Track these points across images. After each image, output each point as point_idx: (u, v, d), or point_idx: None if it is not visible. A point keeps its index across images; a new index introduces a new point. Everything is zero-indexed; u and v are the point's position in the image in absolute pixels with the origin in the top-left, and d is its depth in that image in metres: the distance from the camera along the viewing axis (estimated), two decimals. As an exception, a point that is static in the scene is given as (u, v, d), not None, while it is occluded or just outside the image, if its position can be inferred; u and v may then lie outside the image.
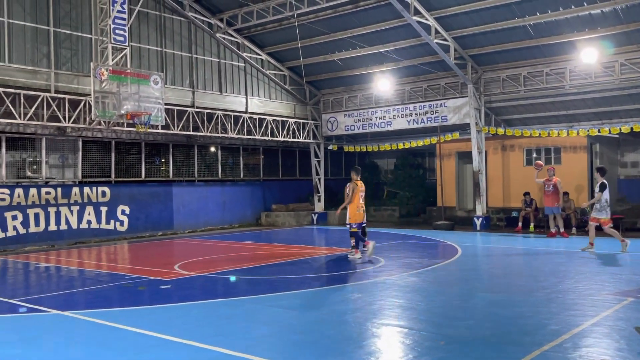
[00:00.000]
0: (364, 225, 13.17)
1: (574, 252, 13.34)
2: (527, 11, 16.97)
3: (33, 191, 16.42)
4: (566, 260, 12.51)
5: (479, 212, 19.80)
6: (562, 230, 16.77)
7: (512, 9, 17.03)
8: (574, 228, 17.34)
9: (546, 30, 17.56)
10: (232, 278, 10.57)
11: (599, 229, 13.61)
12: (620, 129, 18.00)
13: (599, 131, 18.35)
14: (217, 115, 20.34)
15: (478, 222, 19.55)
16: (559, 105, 19.82)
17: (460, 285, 9.72)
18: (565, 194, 17.78)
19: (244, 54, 22.01)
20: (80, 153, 18.02)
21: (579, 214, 18.40)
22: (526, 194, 18.88)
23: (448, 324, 7.12)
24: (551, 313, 7.52)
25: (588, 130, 18.47)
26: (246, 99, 22.30)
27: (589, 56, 16.85)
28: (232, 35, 21.52)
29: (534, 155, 20.60)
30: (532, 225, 18.50)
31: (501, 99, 20.22)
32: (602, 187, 13.33)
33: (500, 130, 19.97)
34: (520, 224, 18.68)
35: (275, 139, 22.37)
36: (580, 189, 19.23)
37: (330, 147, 24.52)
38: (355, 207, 12.81)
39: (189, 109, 19.51)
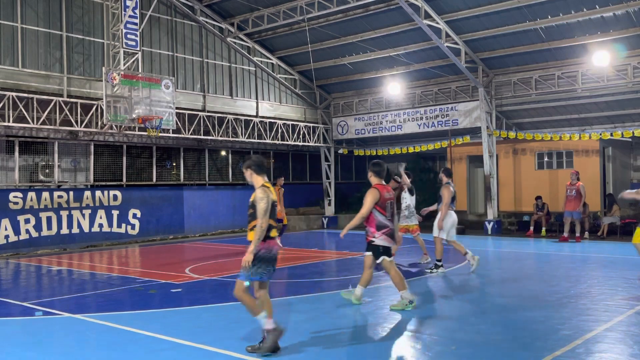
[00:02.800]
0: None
1: (587, 257, 13.23)
2: (538, 14, 16.90)
3: (45, 195, 16.54)
4: (579, 265, 12.43)
5: (490, 216, 19.69)
6: (577, 234, 16.61)
7: (523, 12, 16.96)
8: (586, 232, 17.19)
9: (558, 33, 17.47)
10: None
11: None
12: (633, 133, 17.85)
13: (611, 135, 18.21)
14: (228, 119, 20.40)
15: (489, 227, 19.45)
16: (571, 109, 19.70)
17: (472, 290, 9.66)
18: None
19: (255, 58, 22.08)
20: (92, 157, 18.14)
21: (592, 218, 18.26)
22: (538, 198, 18.76)
23: (459, 328, 7.08)
24: (563, 318, 7.45)
25: (600, 134, 18.33)
26: (257, 103, 22.36)
27: (601, 59, 16.74)
28: (242, 40, 21.59)
29: (546, 159, 20.48)
30: (543, 229, 18.38)
31: (512, 103, 20.13)
32: (411, 192, 12.41)
33: (512, 134, 19.87)
34: (531, 228, 18.57)
35: (285, 142, 22.40)
36: (592, 193, 19.07)
37: (340, 151, 24.50)
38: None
39: (199, 113, 19.59)
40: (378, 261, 8.15)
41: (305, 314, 8.10)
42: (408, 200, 12.53)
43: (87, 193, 17.56)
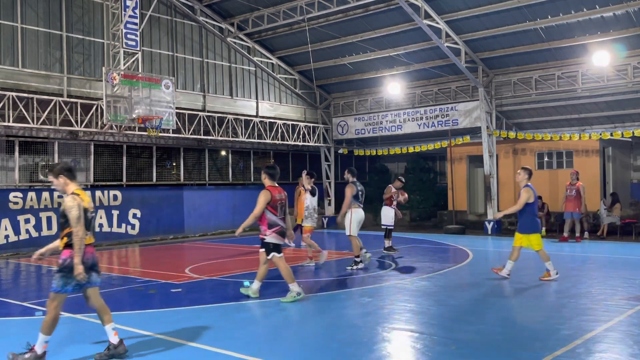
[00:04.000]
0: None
1: (587, 257, 13.23)
2: (538, 14, 16.90)
3: (45, 195, 16.53)
4: (579, 265, 12.43)
5: (490, 216, 19.69)
6: (577, 234, 16.60)
7: (523, 12, 16.96)
8: (586, 232, 17.19)
9: (558, 33, 17.47)
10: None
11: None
12: (633, 133, 17.85)
13: (611, 135, 18.21)
14: (228, 119, 20.40)
15: (489, 227, 19.45)
16: (571, 109, 19.71)
17: (472, 290, 9.66)
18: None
19: (255, 58, 22.08)
20: (92, 157, 18.14)
21: (592, 218, 18.26)
22: (538, 198, 18.72)
23: (459, 328, 7.08)
24: (563, 318, 7.45)
25: (600, 134, 18.34)
26: (257, 103, 22.36)
27: (601, 59, 16.74)
28: (242, 40, 21.60)
29: (546, 159, 20.48)
30: (543, 229, 18.34)
31: (512, 103, 20.13)
32: (313, 192, 12.56)
33: (512, 134, 19.88)
34: (532, 228, 18.52)
35: (285, 142, 22.39)
36: (592, 193, 19.06)
37: (340, 151, 24.50)
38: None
39: (199, 113, 19.59)
40: (269, 257, 8.76)
41: (305, 314, 8.09)
42: (308, 201, 12.49)
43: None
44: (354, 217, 11.74)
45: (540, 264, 10.69)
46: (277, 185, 8.95)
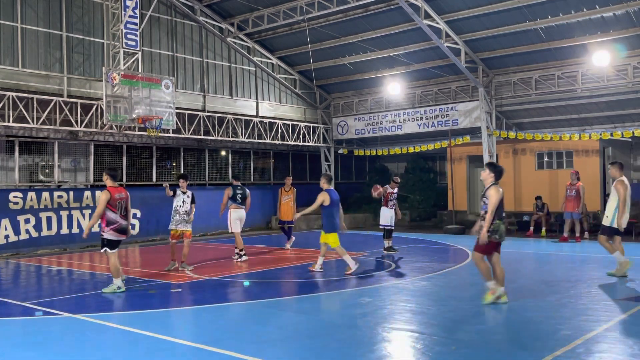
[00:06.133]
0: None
1: (587, 257, 13.23)
2: (538, 14, 16.90)
3: (45, 195, 16.53)
4: (578, 265, 12.44)
5: (490, 216, 19.64)
6: (577, 234, 16.60)
7: (523, 12, 16.96)
8: (586, 232, 17.19)
9: (558, 33, 17.48)
10: (246, 283, 10.59)
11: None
12: (633, 133, 17.85)
13: (611, 135, 18.22)
14: (228, 119, 20.40)
15: (489, 226, 19.40)
16: (571, 109, 19.71)
17: (472, 290, 9.66)
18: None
19: (255, 58, 22.08)
20: (92, 157, 18.14)
21: (592, 218, 18.26)
22: (538, 198, 18.75)
23: (459, 328, 7.08)
24: (563, 318, 7.45)
25: (600, 134, 18.34)
26: (257, 103, 22.36)
27: (601, 59, 16.75)
28: (242, 40, 21.60)
29: (546, 159, 20.48)
30: (543, 229, 18.37)
31: (512, 103, 20.14)
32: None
33: (512, 134, 19.88)
34: (531, 228, 18.55)
35: (285, 142, 22.39)
36: (592, 193, 19.08)
37: (340, 151, 24.51)
38: None
39: (199, 113, 19.59)
40: (101, 251, 9.73)
41: (305, 314, 8.10)
42: (188, 205, 12.51)
43: (87, 193, 17.55)
44: (234, 215, 13.38)
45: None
46: (117, 185, 9.91)
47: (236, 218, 13.44)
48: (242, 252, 13.35)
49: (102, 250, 9.76)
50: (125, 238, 9.94)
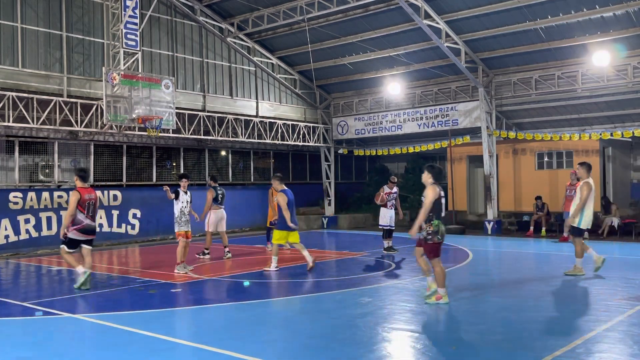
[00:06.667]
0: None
1: (587, 257, 13.21)
2: (538, 14, 16.90)
3: (45, 195, 16.53)
4: (578, 265, 12.41)
5: (490, 216, 19.69)
6: None
7: (523, 12, 16.96)
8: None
9: (558, 33, 17.48)
10: (246, 283, 10.59)
11: None
12: (633, 133, 17.85)
13: (611, 135, 18.21)
14: (228, 119, 20.40)
15: (489, 227, 19.45)
16: (571, 109, 19.71)
17: (471, 290, 9.66)
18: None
19: (255, 58, 22.08)
20: (92, 157, 18.14)
21: (594, 218, 18.24)
22: (538, 198, 18.75)
23: (459, 328, 7.09)
24: (563, 318, 7.46)
25: (600, 134, 18.34)
26: (257, 103, 22.36)
27: (601, 59, 16.74)
28: (242, 40, 21.60)
29: (546, 159, 20.48)
30: (543, 229, 18.37)
31: (512, 103, 20.14)
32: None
33: (512, 134, 19.88)
34: (531, 228, 18.56)
35: (285, 142, 22.39)
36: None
37: (340, 151, 24.51)
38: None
39: (199, 113, 19.59)
40: (61, 247, 10.00)
41: (305, 314, 8.10)
42: (190, 206, 12.24)
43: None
44: (213, 216, 14.07)
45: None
46: (87, 186, 10.16)
47: (216, 219, 14.14)
48: (207, 250, 14.15)
49: (61, 246, 10.09)
50: (91, 238, 10.19)
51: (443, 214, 8.43)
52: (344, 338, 6.74)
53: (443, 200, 8.45)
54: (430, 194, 8.31)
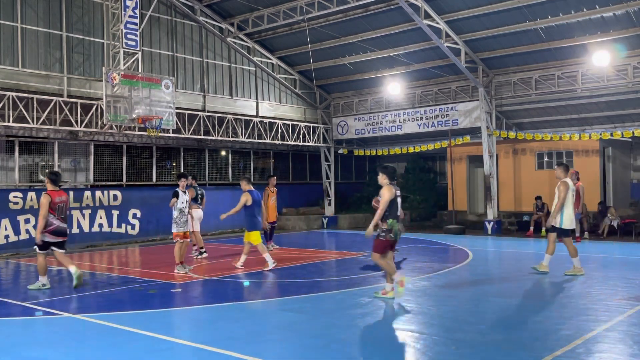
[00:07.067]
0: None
1: (587, 257, 13.23)
2: (538, 14, 16.90)
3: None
4: (578, 265, 12.41)
5: (490, 216, 19.69)
6: (577, 234, 16.60)
7: (523, 12, 16.96)
8: (586, 232, 17.20)
9: (558, 33, 17.48)
10: (246, 283, 10.60)
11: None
12: (633, 133, 17.86)
13: (611, 135, 18.22)
14: (228, 119, 20.40)
15: (489, 227, 19.45)
16: (571, 109, 19.71)
17: (472, 290, 9.67)
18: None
19: (255, 58, 22.08)
20: (92, 157, 18.14)
21: (592, 218, 18.27)
22: (538, 198, 18.75)
23: (459, 328, 7.08)
24: (563, 318, 7.46)
25: (600, 134, 18.34)
26: (257, 103, 22.36)
27: (602, 59, 16.74)
28: (242, 40, 21.60)
29: (546, 159, 20.48)
30: (543, 229, 18.35)
31: (512, 103, 20.14)
32: (175, 195, 12.13)
33: (512, 134, 19.89)
34: (531, 228, 18.56)
35: (285, 142, 22.40)
36: (592, 193, 19.08)
37: (340, 151, 24.51)
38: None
39: (199, 113, 19.59)
40: (34, 248, 10.17)
41: (305, 314, 8.10)
42: (186, 206, 12.23)
43: (87, 193, 17.55)
44: (195, 215, 13.88)
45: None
46: (58, 189, 10.23)
47: (197, 218, 14.07)
48: (202, 250, 14.17)
49: (34, 248, 10.20)
50: (63, 240, 10.19)
51: (399, 213, 8.75)
52: (344, 338, 6.74)
53: (399, 200, 8.79)
54: (386, 193, 8.60)
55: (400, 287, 8.62)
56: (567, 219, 10.78)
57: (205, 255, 14.09)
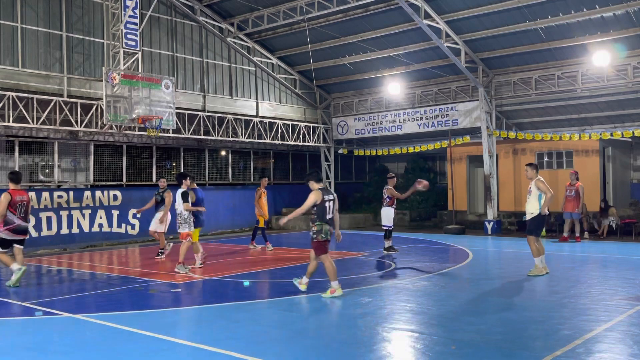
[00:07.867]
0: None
1: (587, 257, 13.24)
2: (538, 14, 16.90)
3: (45, 195, 16.53)
4: (578, 265, 12.43)
5: (490, 216, 19.69)
6: (577, 234, 16.60)
7: (523, 12, 16.97)
8: (586, 232, 17.19)
9: (558, 33, 17.48)
10: (246, 283, 10.60)
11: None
12: (633, 133, 17.86)
13: (611, 135, 18.21)
14: (228, 119, 20.40)
15: (489, 226, 19.45)
16: (571, 109, 19.71)
17: (472, 290, 9.66)
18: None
19: (255, 58, 22.08)
20: (92, 157, 18.14)
21: (591, 218, 18.26)
22: (538, 198, 18.71)
23: (459, 328, 7.08)
24: (563, 318, 7.45)
25: (600, 134, 18.34)
26: (257, 103, 22.36)
27: (601, 59, 16.75)
28: (242, 40, 21.60)
29: (546, 159, 20.48)
30: (543, 229, 18.33)
31: (512, 103, 20.14)
32: (184, 197, 11.71)
33: (512, 134, 19.89)
34: (531, 228, 18.51)
35: (285, 142, 22.40)
36: (592, 193, 19.08)
37: (340, 151, 24.51)
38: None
39: (199, 113, 19.59)
40: None
41: (305, 314, 8.10)
42: (180, 207, 11.88)
43: (87, 193, 17.56)
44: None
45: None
46: (19, 188, 10.45)
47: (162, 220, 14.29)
48: (162, 250, 14.28)
49: None
50: (23, 238, 10.43)
51: (329, 217, 9.08)
52: (344, 338, 6.74)
53: (329, 204, 9.08)
54: (311, 197, 9.05)
55: (329, 292, 8.93)
56: (527, 214, 10.96)
57: (163, 257, 14.06)
